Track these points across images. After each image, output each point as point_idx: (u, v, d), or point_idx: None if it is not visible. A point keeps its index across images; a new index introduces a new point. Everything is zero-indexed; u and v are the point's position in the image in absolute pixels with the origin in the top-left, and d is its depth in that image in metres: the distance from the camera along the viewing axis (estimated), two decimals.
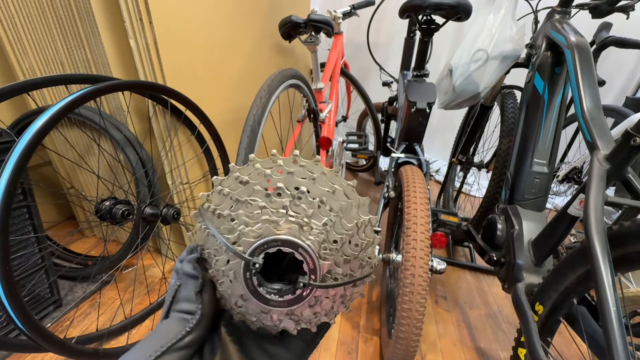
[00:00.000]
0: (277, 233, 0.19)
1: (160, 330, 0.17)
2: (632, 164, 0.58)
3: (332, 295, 0.20)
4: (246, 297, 0.19)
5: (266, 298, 0.18)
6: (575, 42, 0.75)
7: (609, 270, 0.48)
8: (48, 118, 0.60)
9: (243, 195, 0.20)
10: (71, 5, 0.87)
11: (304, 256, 0.18)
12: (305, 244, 0.18)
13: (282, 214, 0.19)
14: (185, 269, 0.19)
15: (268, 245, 0.18)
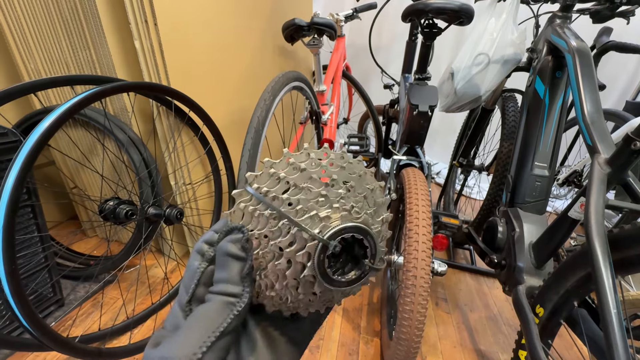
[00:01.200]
0: (353, 220, 0.20)
1: (205, 316, 0.17)
2: (632, 167, 0.59)
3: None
4: (306, 279, 0.19)
5: (332, 279, 0.19)
6: (576, 47, 0.76)
7: (609, 273, 0.48)
8: (55, 118, 0.61)
9: (300, 181, 0.20)
10: (77, 7, 0.88)
11: (370, 242, 0.20)
12: (373, 232, 0.20)
13: (342, 204, 0.20)
14: (230, 250, 0.18)
15: (345, 230, 0.19)
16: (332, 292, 0.21)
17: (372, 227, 0.21)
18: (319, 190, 0.19)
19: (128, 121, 0.99)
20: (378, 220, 0.22)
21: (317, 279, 0.19)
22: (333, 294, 0.21)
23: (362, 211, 0.20)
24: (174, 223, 0.94)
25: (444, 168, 2.29)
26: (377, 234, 0.21)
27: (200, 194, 1.15)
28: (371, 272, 0.21)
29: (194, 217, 1.16)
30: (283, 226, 0.19)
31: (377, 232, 0.21)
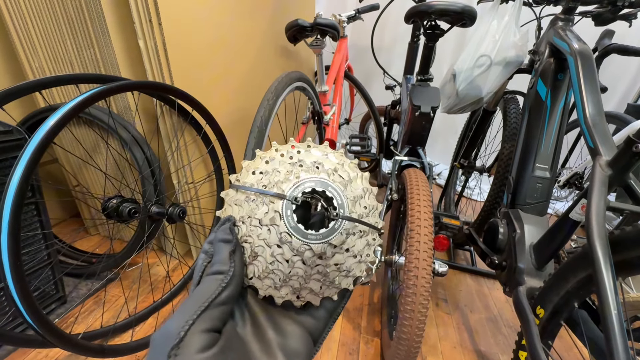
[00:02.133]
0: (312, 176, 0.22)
1: (197, 292, 0.19)
2: (633, 170, 0.59)
3: (352, 248, 0.23)
4: (284, 239, 0.21)
5: (305, 233, 0.21)
6: (578, 49, 0.77)
7: (610, 275, 0.49)
8: (61, 116, 0.61)
9: (269, 168, 0.23)
10: (82, 6, 0.88)
11: (334, 193, 0.21)
12: (334, 184, 0.22)
13: (305, 169, 0.22)
14: (219, 236, 0.21)
15: (304, 185, 0.21)
16: (324, 266, 0.21)
17: (333, 181, 0.22)
18: (285, 167, 0.23)
19: (131, 120, 1.00)
20: (358, 192, 0.23)
21: (292, 236, 0.21)
22: (326, 269, 0.22)
23: (323, 171, 0.22)
24: (177, 222, 0.94)
25: (444, 169, 2.29)
26: (339, 186, 0.22)
27: (202, 193, 1.15)
28: (342, 221, 0.21)
29: (196, 216, 1.16)
30: (258, 202, 0.21)
31: (340, 183, 0.22)
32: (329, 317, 0.23)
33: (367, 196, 0.24)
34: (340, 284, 0.23)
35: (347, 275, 0.23)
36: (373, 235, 0.24)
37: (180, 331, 0.16)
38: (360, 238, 0.23)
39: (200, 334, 0.16)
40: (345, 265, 0.22)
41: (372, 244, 0.24)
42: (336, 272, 0.22)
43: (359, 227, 0.23)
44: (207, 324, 0.17)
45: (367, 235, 0.24)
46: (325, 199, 0.22)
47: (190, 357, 0.15)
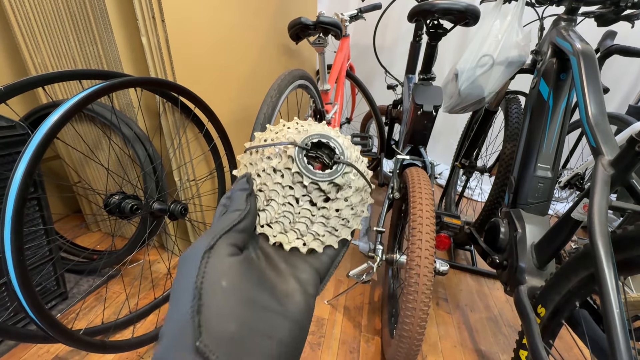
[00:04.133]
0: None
1: (220, 221, 0.21)
2: (636, 169, 0.60)
3: (349, 198, 0.25)
4: (296, 180, 0.24)
5: (314, 172, 0.23)
6: (581, 50, 0.77)
7: (612, 274, 0.49)
8: (64, 112, 0.61)
9: (280, 135, 0.26)
10: (85, 2, 0.88)
11: (336, 144, 0.25)
12: (337, 138, 0.25)
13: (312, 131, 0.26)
14: (237, 187, 0.24)
15: (311, 137, 0.25)
16: (328, 209, 0.24)
17: (337, 136, 0.26)
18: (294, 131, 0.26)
19: (134, 117, 1.00)
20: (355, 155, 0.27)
21: (303, 176, 0.23)
22: (329, 213, 0.25)
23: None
24: (178, 218, 0.95)
25: (445, 169, 2.29)
26: (341, 141, 0.25)
27: (204, 190, 1.15)
28: (342, 165, 0.24)
29: (198, 214, 1.16)
30: (272, 157, 0.25)
31: (341, 140, 0.26)
32: (330, 262, 0.25)
33: (360, 163, 0.27)
34: (340, 232, 0.25)
35: (345, 225, 0.26)
36: (366, 194, 0.27)
37: (211, 241, 0.19)
38: (356, 192, 0.26)
39: (227, 245, 0.19)
40: (345, 214, 0.25)
41: (365, 201, 0.27)
42: (337, 219, 0.25)
43: (354, 183, 0.26)
44: (231, 239, 0.20)
45: (362, 192, 0.27)
46: (329, 149, 0.26)
47: (221, 259, 0.18)
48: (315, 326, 1.02)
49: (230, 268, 0.18)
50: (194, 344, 0.15)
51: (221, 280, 0.17)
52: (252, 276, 0.19)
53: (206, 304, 0.16)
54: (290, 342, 0.18)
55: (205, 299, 0.16)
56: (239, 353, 0.16)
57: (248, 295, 0.18)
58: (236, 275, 0.18)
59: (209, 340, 0.15)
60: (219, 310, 0.16)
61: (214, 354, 0.15)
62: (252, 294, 0.18)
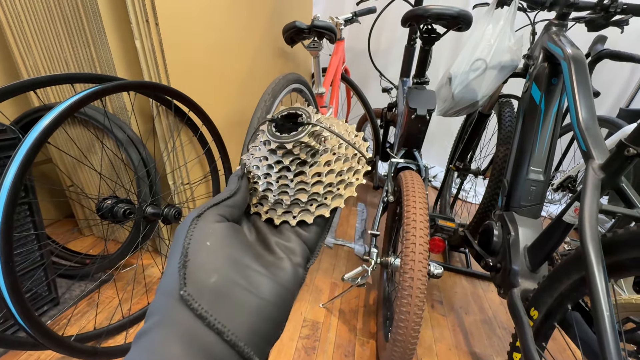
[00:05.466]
0: None
1: (213, 198, 0.24)
2: (625, 173, 0.60)
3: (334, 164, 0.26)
4: (266, 148, 0.25)
5: (280, 135, 0.24)
6: (571, 54, 0.78)
7: (602, 277, 0.49)
8: (55, 116, 0.61)
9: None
10: (78, 5, 0.88)
11: (303, 112, 0.25)
12: (307, 108, 0.26)
13: None
14: (234, 173, 0.27)
15: (282, 111, 0.26)
16: (306, 174, 0.25)
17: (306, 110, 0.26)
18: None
19: (127, 120, 0.99)
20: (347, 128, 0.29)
21: (271, 143, 0.25)
22: (309, 178, 0.25)
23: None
24: (172, 222, 0.94)
25: (440, 172, 2.30)
26: (311, 111, 0.25)
27: (198, 194, 1.15)
28: (309, 126, 0.24)
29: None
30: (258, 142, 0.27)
31: (312, 109, 0.26)
32: (319, 232, 0.26)
33: (351, 135, 0.28)
34: (328, 200, 0.26)
35: (333, 191, 0.26)
36: (360, 163, 0.27)
37: (200, 210, 0.21)
38: (341, 159, 0.26)
39: (215, 214, 0.21)
40: (328, 179, 0.25)
41: (358, 170, 0.27)
42: (320, 184, 0.25)
43: (341, 152, 0.26)
44: (220, 211, 0.22)
45: (351, 161, 0.27)
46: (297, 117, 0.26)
47: (207, 224, 0.21)
48: (310, 330, 1.02)
49: (216, 231, 0.20)
50: (179, 292, 0.17)
51: (206, 240, 0.20)
52: (237, 241, 0.21)
53: (191, 260, 0.19)
54: (274, 301, 0.20)
55: (190, 256, 0.19)
56: (220, 301, 0.18)
57: (232, 255, 0.20)
58: (220, 237, 0.20)
59: (192, 289, 0.17)
60: (202, 265, 0.19)
61: (196, 302, 0.17)
62: (236, 254, 0.20)
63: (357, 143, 0.28)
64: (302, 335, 0.99)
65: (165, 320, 0.17)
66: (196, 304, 0.17)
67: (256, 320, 0.18)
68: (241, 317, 0.18)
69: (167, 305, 0.17)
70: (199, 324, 0.17)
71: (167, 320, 0.17)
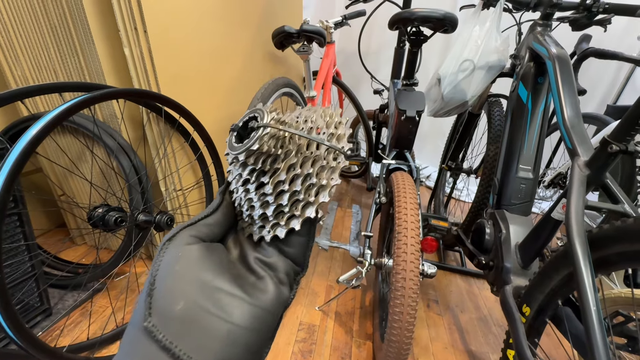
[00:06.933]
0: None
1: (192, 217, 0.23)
2: (611, 169, 0.62)
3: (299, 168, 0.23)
4: (228, 160, 0.24)
5: (234, 146, 0.23)
6: (556, 54, 0.79)
7: (589, 272, 0.50)
8: (43, 126, 0.60)
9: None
10: (65, 14, 0.87)
11: (259, 114, 0.23)
12: (264, 108, 0.23)
13: None
14: (220, 189, 0.26)
15: (243, 117, 0.24)
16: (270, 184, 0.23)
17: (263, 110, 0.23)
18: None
19: (117, 127, 0.99)
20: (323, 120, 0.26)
21: (230, 154, 0.23)
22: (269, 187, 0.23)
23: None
24: (165, 229, 0.94)
25: (434, 171, 2.32)
26: (266, 111, 0.23)
27: (191, 200, 1.14)
28: (262, 129, 0.22)
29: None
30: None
31: (272, 112, 0.24)
32: (306, 241, 0.24)
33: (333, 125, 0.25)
34: (299, 210, 0.23)
35: (299, 200, 0.23)
36: (336, 160, 0.24)
37: (173, 232, 0.21)
38: (311, 162, 0.23)
39: (188, 236, 0.21)
40: (296, 186, 0.23)
41: (332, 168, 0.24)
42: (285, 194, 0.23)
43: (311, 151, 0.23)
44: (193, 232, 0.21)
45: (326, 158, 0.23)
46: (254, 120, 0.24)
47: (178, 247, 0.20)
48: (306, 333, 1.01)
49: (186, 254, 0.20)
50: (143, 324, 0.17)
51: (175, 265, 0.19)
52: (211, 263, 0.20)
53: (158, 288, 0.18)
54: (249, 326, 0.18)
55: (157, 283, 0.18)
56: (187, 330, 0.17)
57: (202, 278, 0.19)
58: (191, 260, 0.19)
59: (157, 319, 0.17)
60: (169, 292, 0.18)
61: (160, 333, 0.16)
62: (207, 277, 0.19)
63: (336, 133, 0.25)
64: (298, 339, 0.99)
65: (131, 353, 0.17)
66: (160, 335, 0.16)
67: (227, 348, 0.17)
68: (210, 346, 0.17)
69: (134, 338, 0.17)
70: (163, 356, 0.16)
71: (132, 353, 0.17)
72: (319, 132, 0.25)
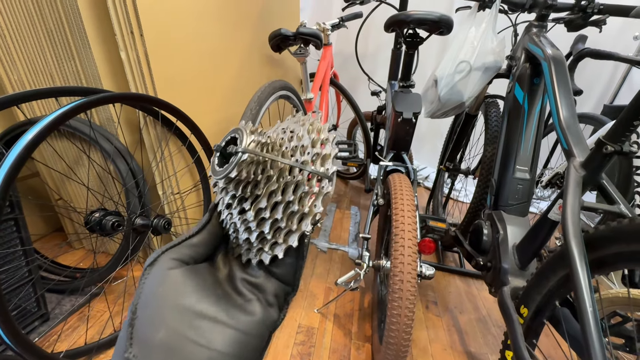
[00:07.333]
0: None
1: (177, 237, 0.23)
2: (609, 169, 0.62)
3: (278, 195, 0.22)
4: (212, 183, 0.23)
5: (217, 171, 0.22)
6: (551, 55, 0.79)
7: (585, 273, 0.50)
8: (39, 131, 0.60)
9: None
10: (61, 18, 0.88)
11: (239, 133, 0.22)
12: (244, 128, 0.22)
13: None
14: (211, 206, 0.25)
15: (225, 137, 0.23)
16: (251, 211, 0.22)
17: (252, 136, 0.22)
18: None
19: (114, 131, 0.99)
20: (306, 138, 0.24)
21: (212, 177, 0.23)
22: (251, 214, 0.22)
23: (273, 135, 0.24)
24: (162, 233, 0.93)
25: (432, 172, 2.32)
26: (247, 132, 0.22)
27: (189, 203, 1.14)
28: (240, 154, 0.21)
29: (183, 227, 1.15)
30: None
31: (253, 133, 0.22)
32: (295, 261, 0.24)
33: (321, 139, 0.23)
34: (281, 238, 0.22)
35: (280, 228, 0.22)
36: (321, 183, 0.23)
37: (154, 257, 0.20)
38: (292, 189, 0.22)
39: (169, 260, 0.20)
40: (277, 215, 0.22)
41: (316, 194, 0.22)
42: (266, 222, 0.22)
43: (293, 175, 0.22)
44: (175, 254, 0.21)
45: (308, 184, 0.22)
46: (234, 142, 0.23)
47: (159, 272, 0.20)
48: (305, 336, 1.01)
49: (166, 279, 0.19)
50: (124, 355, 0.16)
51: (156, 292, 0.19)
52: (194, 286, 0.20)
53: (139, 316, 0.18)
54: (232, 352, 0.18)
55: (139, 312, 0.18)
56: (169, 359, 0.16)
57: (183, 304, 0.18)
58: (172, 286, 0.19)
59: (137, 349, 0.17)
60: (150, 320, 0.17)
61: None
62: (189, 303, 0.19)
63: (322, 153, 0.23)
64: (297, 341, 0.99)
65: None
66: None
67: None
68: None
69: None
70: None
71: None
72: (305, 150, 0.23)
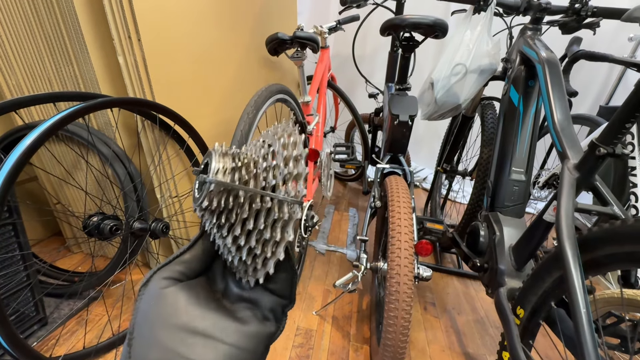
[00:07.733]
0: None
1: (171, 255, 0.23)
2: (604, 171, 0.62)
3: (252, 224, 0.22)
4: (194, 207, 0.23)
5: (195, 197, 0.22)
6: (545, 57, 0.80)
7: (579, 274, 0.51)
8: (37, 136, 0.61)
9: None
10: (59, 23, 0.88)
11: (210, 159, 0.21)
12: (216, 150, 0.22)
13: None
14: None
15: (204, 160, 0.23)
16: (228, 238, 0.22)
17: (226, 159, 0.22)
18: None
19: (112, 136, 0.99)
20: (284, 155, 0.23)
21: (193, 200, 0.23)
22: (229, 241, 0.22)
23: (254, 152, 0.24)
24: (160, 237, 0.94)
25: (430, 174, 2.33)
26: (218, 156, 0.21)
27: (187, 206, 1.14)
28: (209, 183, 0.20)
29: (181, 230, 1.15)
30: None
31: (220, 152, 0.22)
32: (290, 275, 0.24)
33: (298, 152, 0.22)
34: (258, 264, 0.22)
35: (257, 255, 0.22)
36: (292, 208, 0.22)
37: (146, 277, 0.21)
38: (263, 216, 0.22)
39: (161, 279, 0.21)
40: (251, 243, 0.22)
41: (286, 221, 0.22)
42: (242, 249, 0.22)
43: (264, 202, 0.21)
44: (167, 273, 0.21)
45: (278, 212, 0.22)
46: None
47: (153, 292, 0.20)
48: (303, 338, 1.01)
49: (160, 300, 0.20)
50: None
51: (149, 312, 0.19)
52: (188, 304, 0.20)
53: (135, 337, 0.18)
54: None
55: (135, 332, 0.19)
56: None
57: (177, 323, 0.19)
58: (166, 305, 0.20)
59: None
60: (145, 340, 0.18)
61: None
62: (183, 321, 0.19)
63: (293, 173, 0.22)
64: (295, 344, 0.99)
65: None
66: None
67: None
68: None
69: None
70: None
71: None
72: (277, 171, 0.22)
